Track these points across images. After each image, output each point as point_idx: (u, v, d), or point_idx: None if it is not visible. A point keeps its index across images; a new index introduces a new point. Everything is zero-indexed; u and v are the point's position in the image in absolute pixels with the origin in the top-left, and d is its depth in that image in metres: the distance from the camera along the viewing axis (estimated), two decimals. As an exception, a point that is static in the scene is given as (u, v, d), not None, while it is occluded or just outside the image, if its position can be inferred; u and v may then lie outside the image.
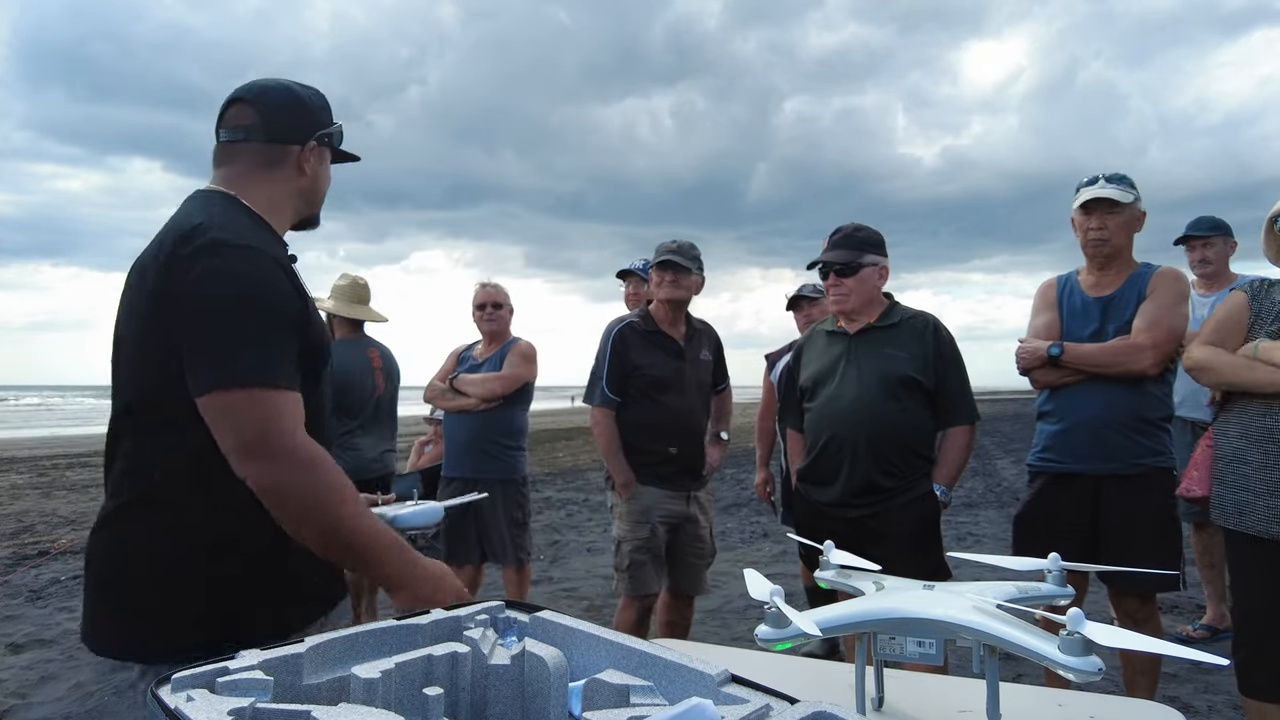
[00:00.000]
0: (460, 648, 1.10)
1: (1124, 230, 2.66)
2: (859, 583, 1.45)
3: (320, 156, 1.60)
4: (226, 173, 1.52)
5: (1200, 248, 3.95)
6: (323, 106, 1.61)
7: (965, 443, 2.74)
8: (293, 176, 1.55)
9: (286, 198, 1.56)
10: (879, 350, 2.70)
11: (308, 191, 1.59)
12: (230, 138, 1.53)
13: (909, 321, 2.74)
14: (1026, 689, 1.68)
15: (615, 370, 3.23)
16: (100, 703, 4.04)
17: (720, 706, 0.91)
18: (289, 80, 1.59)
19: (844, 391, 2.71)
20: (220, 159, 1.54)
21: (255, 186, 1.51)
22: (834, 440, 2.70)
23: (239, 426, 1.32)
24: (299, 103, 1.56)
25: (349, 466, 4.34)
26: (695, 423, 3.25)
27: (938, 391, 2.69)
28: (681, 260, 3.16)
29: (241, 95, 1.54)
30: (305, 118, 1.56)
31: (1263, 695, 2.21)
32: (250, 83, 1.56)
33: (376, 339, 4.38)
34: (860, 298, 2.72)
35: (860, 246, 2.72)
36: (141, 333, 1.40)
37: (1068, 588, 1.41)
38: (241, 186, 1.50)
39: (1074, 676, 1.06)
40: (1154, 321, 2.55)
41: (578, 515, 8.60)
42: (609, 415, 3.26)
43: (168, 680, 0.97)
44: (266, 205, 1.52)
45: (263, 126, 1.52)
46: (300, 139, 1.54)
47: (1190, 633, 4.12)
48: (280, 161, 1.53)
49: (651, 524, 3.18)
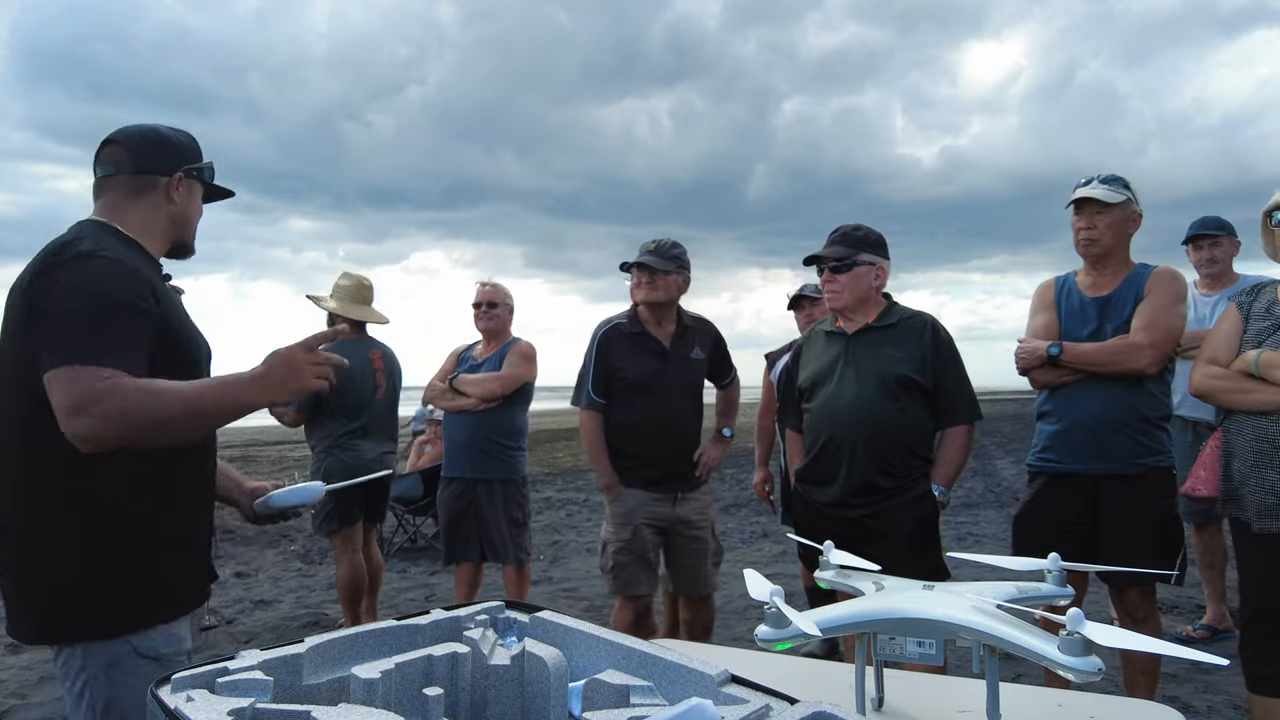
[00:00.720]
0: (460, 648, 1.10)
1: (1113, 230, 2.67)
2: (858, 583, 1.45)
3: (189, 189, 1.80)
4: (103, 204, 1.73)
5: (1208, 247, 3.96)
6: (190, 145, 1.82)
7: (963, 443, 2.74)
8: (162, 204, 1.76)
9: (157, 223, 1.76)
10: (877, 350, 2.71)
11: (177, 218, 1.79)
12: (104, 173, 1.74)
13: (907, 322, 2.74)
14: (1026, 689, 1.68)
15: (599, 373, 3.23)
16: (100, 703, 4.01)
17: (720, 706, 0.91)
18: (159, 124, 1.82)
19: (842, 392, 2.71)
20: (97, 193, 1.75)
21: (127, 213, 1.72)
22: (832, 440, 2.70)
23: (62, 396, 1.46)
24: (165, 140, 1.78)
25: (349, 467, 4.34)
26: (678, 425, 3.19)
27: (936, 391, 2.69)
28: (655, 262, 3.12)
29: (113, 137, 1.75)
30: (172, 153, 1.78)
31: (1269, 691, 2.22)
32: (121, 128, 1.77)
33: (378, 339, 4.39)
34: (853, 295, 2.72)
35: (857, 245, 2.73)
36: (20, 343, 1.56)
37: (1067, 588, 1.41)
38: (115, 214, 1.71)
39: (1074, 676, 1.06)
40: (1151, 321, 2.56)
41: (578, 515, 8.60)
42: (595, 418, 3.26)
43: (168, 680, 0.97)
44: (139, 229, 1.72)
45: (131, 161, 1.73)
46: (168, 170, 1.76)
47: (1190, 633, 4.12)
48: (149, 190, 1.74)
49: (634, 526, 3.16)
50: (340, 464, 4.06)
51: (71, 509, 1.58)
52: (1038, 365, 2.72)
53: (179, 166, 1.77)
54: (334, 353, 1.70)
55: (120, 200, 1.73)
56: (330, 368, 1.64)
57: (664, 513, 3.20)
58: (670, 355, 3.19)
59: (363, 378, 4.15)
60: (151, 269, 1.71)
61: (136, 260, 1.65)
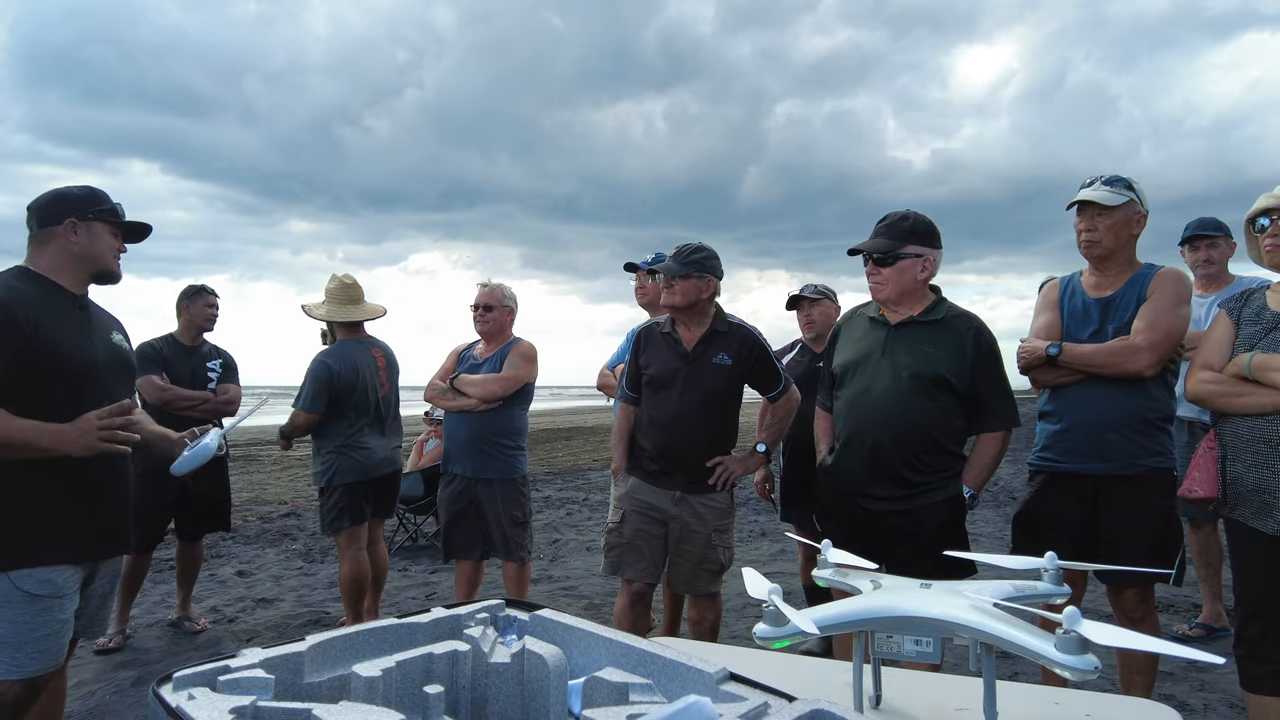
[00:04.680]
0: (460, 646, 1.11)
1: (1115, 232, 2.65)
2: (857, 581, 1.46)
3: (89, 231, 2.33)
4: (28, 252, 2.36)
5: (1205, 248, 3.97)
6: (83, 197, 2.35)
7: (998, 449, 2.70)
8: (65, 246, 2.31)
9: (64, 261, 2.32)
10: (917, 346, 2.66)
11: (83, 256, 2.34)
12: (28, 231, 2.36)
13: (952, 321, 2.68)
14: (1023, 687, 1.69)
15: (632, 368, 3.37)
16: (100, 701, 4.08)
17: (719, 704, 0.92)
18: (65, 186, 2.40)
19: (875, 384, 2.67)
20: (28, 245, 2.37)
21: (37, 257, 2.33)
22: (862, 433, 2.67)
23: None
24: (58, 198, 2.34)
25: (361, 465, 4.39)
26: (682, 424, 3.19)
27: (971, 395, 2.64)
28: (669, 267, 3.17)
29: (28, 205, 2.37)
30: (61, 207, 2.32)
31: (1264, 689, 2.23)
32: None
33: (378, 338, 4.39)
34: (897, 288, 2.68)
35: (902, 236, 2.67)
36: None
37: (1064, 586, 1.42)
38: (32, 260, 2.34)
39: (1070, 675, 1.06)
40: (1152, 323, 2.56)
41: (577, 514, 8.61)
42: (627, 410, 3.40)
43: (169, 679, 0.98)
44: (49, 269, 2.32)
45: (35, 220, 2.34)
46: (58, 220, 2.31)
47: (1186, 631, 4.12)
48: (50, 239, 2.32)
49: (624, 511, 3.27)
50: (351, 463, 4.06)
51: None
52: (1038, 365, 2.72)
53: (67, 217, 2.30)
54: (337, 355, 1.86)
55: (34, 249, 2.34)
56: (122, 432, 2.19)
57: (663, 507, 3.21)
58: (691, 357, 3.20)
59: (368, 376, 4.17)
60: (56, 297, 2.28)
61: (25, 294, 2.21)
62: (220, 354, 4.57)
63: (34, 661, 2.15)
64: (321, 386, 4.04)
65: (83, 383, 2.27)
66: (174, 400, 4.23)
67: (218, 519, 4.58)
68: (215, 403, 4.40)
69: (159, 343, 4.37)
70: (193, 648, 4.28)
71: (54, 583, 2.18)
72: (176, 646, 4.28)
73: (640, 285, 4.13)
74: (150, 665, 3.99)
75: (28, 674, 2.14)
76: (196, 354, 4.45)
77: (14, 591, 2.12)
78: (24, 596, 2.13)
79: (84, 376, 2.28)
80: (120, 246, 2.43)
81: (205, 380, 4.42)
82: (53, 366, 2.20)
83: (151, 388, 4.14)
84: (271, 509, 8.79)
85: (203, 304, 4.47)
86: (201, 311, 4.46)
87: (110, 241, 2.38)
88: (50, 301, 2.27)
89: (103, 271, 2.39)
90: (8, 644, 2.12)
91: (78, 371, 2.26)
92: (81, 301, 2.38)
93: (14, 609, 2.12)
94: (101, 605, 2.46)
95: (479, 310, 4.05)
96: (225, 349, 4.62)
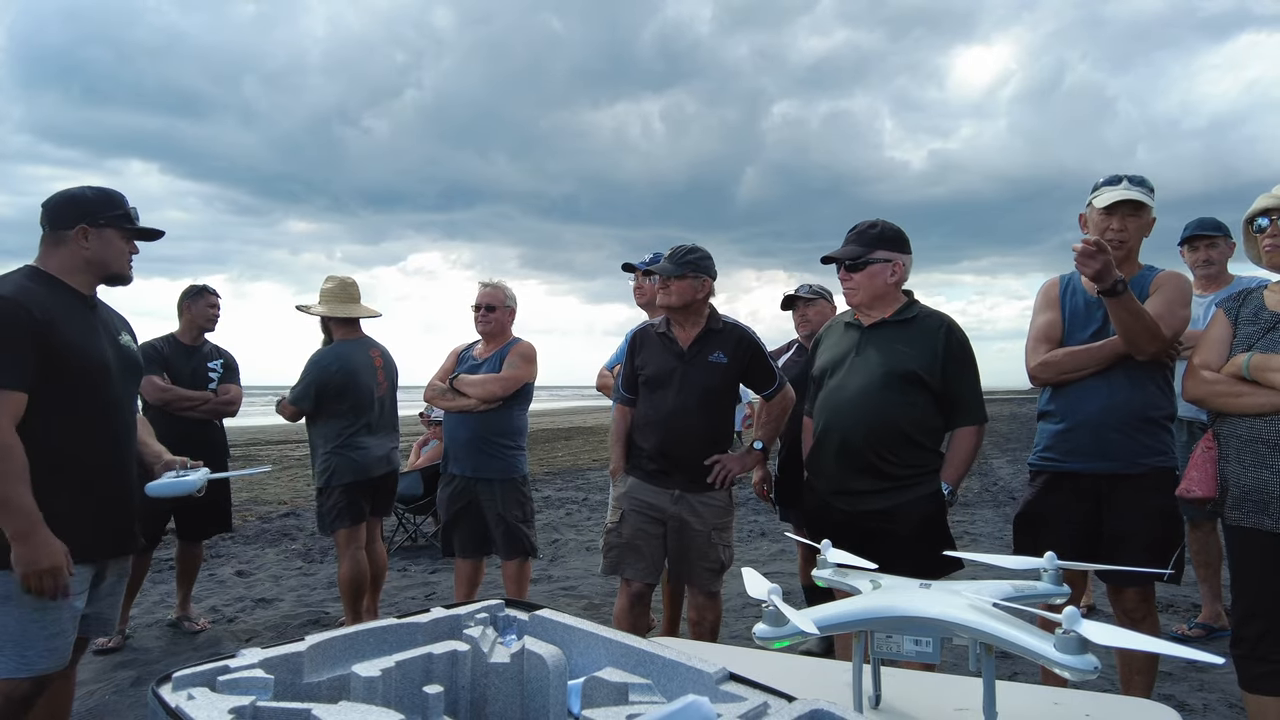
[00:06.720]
0: (460, 646, 1.11)
1: (1139, 234, 2.68)
2: (856, 581, 1.46)
3: (100, 235, 2.32)
4: (39, 252, 2.34)
5: (1204, 248, 3.98)
6: (97, 201, 2.34)
7: (970, 444, 2.77)
8: (77, 250, 2.30)
9: (75, 264, 2.31)
10: (890, 345, 2.74)
11: (93, 260, 2.33)
12: (41, 231, 2.34)
13: (924, 319, 2.78)
14: (1023, 687, 1.69)
15: (628, 369, 3.40)
16: (100, 701, 4.07)
17: (718, 704, 0.92)
18: (84, 186, 2.39)
19: (849, 382, 2.76)
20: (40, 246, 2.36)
21: (48, 258, 2.32)
22: (834, 428, 2.74)
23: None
24: (72, 200, 2.32)
25: (358, 465, 4.41)
26: (679, 423, 3.20)
27: (944, 391, 2.71)
28: (664, 268, 3.21)
29: (43, 204, 2.35)
30: (75, 211, 2.31)
31: (1263, 689, 2.23)
32: (52, 194, 2.36)
33: (375, 339, 4.39)
34: (869, 292, 2.78)
35: (871, 243, 2.78)
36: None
37: (1064, 586, 1.42)
38: (42, 260, 2.33)
39: (1070, 675, 1.06)
40: (1160, 314, 2.55)
41: (577, 514, 8.61)
42: (624, 411, 3.42)
43: (169, 679, 0.98)
44: (59, 270, 2.31)
45: (48, 221, 2.33)
46: (71, 225, 2.29)
47: (1186, 631, 4.12)
48: (62, 242, 2.31)
49: (623, 510, 3.28)
50: (348, 462, 4.07)
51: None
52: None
53: (79, 221, 2.29)
54: (331, 354, 1.87)
55: (45, 250, 2.33)
56: (50, 586, 2.10)
57: (662, 506, 3.21)
58: (686, 356, 3.22)
59: (366, 377, 4.17)
60: (68, 297, 2.28)
61: (37, 293, 2.19)
62: (221, 354, 4.57)
63: (43, 660, 2.14)
64: (310, 383, 4.09)
65: (97, 383, 2.28)
66: (175, 400, 4.23)
67: (218, 519, 4.58)
68: (216, 403, 4.40)
69: (160, 343, 4.38)
70: (192, 648, 4.28)
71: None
72: (176, 646, 4.29)
73: (639, 285, 4.14)
74: (150, 665, 3.99)
75: (36, 672, 2.14)
76: (198, 354, 4.46)
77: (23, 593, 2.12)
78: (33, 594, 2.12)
79: (98, 377, 2.28)
80: (132, 249, 2.43)
81: (206, 380, 4.42)
82: (67, 367, 2.20)
83: (152, 388, 4.14)
84: (271, 509, 8.79)
85: (204, 304, 4.47)
86: (203, 311, 4.47)
87: (121, 246, 2.38)
88: (62, 302, 2.26)
89: (114, 275, 2.40)
90: (17, 642, 2.12)
91: (91, 372, 2.26)
92: (92, 302, 2.39)
93: (23, 607, 2.11)
94: (111, 604, 2.45)
95: (481, 310, 4.05)
96: (226, 349, 4.63)
